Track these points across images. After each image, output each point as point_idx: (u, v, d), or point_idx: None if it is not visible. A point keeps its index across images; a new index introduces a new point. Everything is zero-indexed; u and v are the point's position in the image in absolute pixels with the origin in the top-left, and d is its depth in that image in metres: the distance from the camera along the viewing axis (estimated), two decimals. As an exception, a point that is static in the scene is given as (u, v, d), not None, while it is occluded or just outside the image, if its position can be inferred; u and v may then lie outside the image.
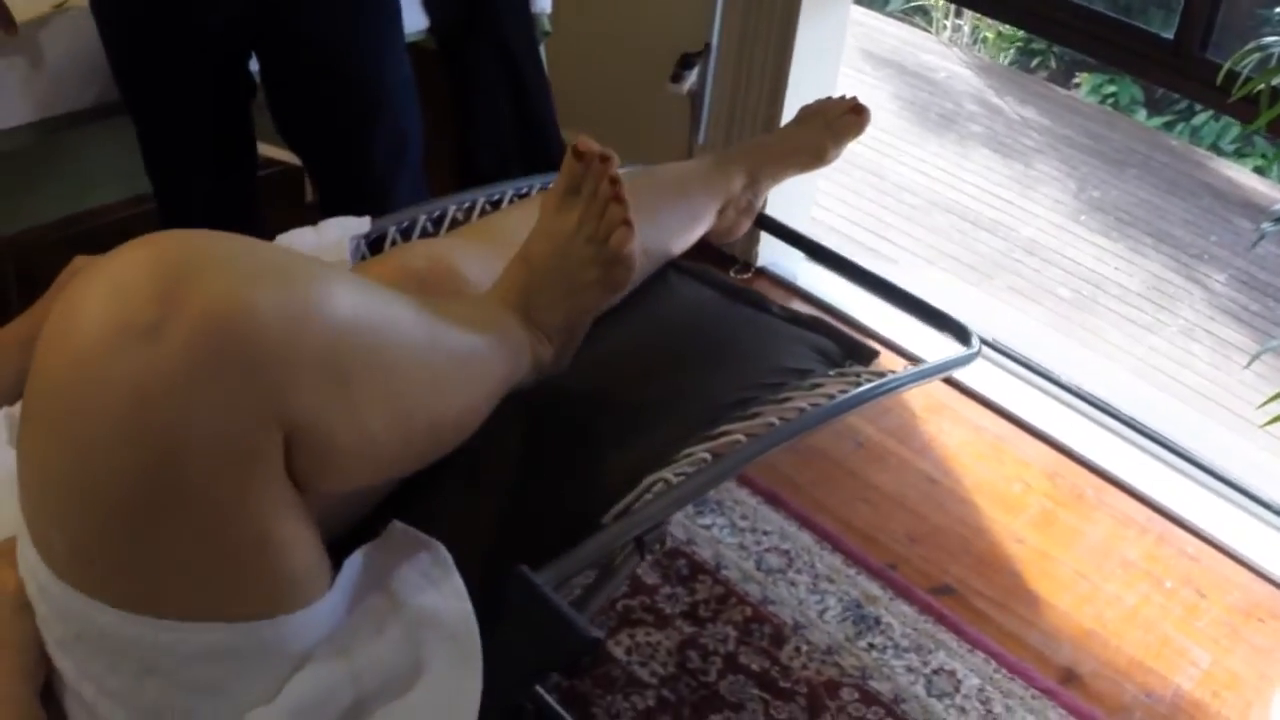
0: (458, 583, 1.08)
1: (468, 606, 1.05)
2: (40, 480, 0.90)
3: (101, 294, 0.86)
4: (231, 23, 1.98)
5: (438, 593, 1.07)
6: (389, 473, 1.17)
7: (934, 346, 1.71)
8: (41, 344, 0.88)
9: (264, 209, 2.29)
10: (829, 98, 1.90)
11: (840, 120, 1.84)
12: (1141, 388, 3.48)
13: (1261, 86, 2.07)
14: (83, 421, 0.85)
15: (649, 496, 1.22)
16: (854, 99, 1.87)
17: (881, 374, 1.47)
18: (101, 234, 2.76)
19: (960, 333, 1.65)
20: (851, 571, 2.32)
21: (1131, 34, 2.65)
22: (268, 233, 1.59)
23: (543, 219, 1.33)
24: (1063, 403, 2.88)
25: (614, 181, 1.28)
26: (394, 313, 1.05)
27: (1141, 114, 5.95)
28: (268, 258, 0.93)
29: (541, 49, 2.85)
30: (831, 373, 1.48)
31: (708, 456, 1.27)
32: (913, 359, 2.82)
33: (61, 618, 0.93)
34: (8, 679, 0.96)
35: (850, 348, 1.56)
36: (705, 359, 1.47)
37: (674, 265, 1.67)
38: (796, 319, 1.60)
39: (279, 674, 0.97)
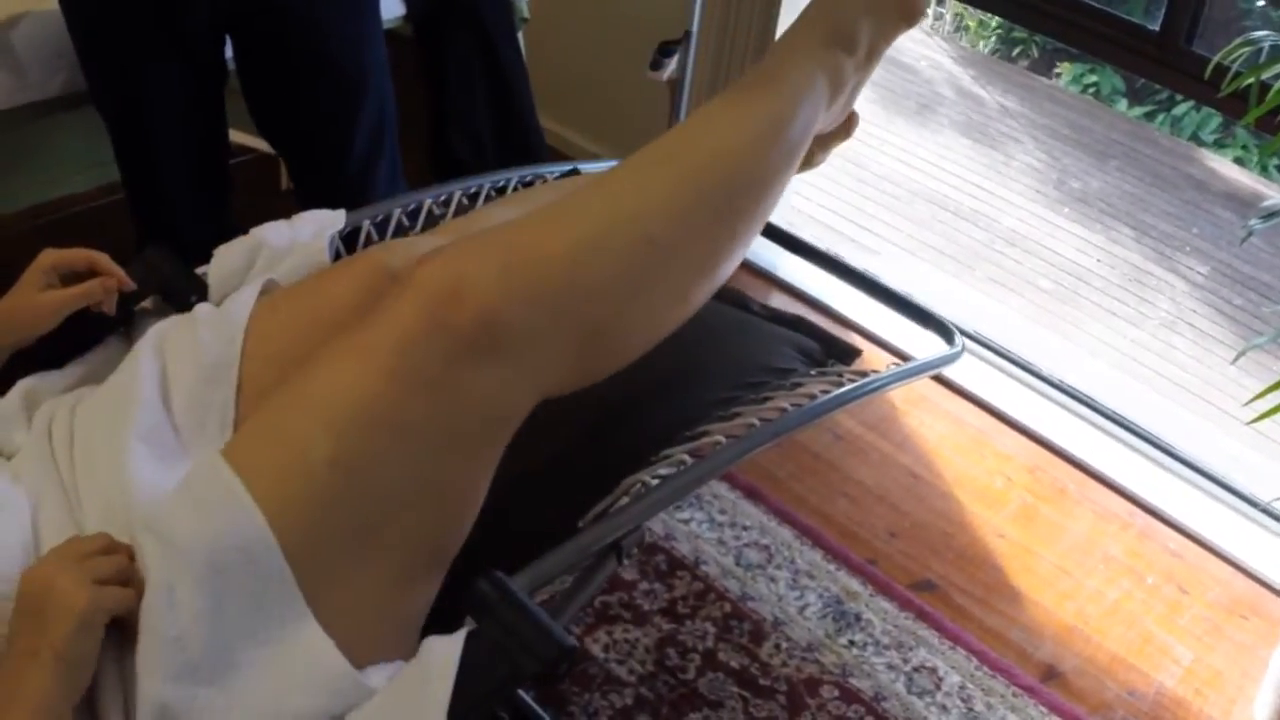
0: None
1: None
2: (333, 393, 1.11)
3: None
4: (207, 7, 1.94)
5: None
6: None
7: (915, 338, 1.69)
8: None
9: (237, 197, 2.25)
10: None
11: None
12: (1123, 381, 3.46)
13: (1250, 81, 2.05)
14: (401, 359, 1.10)
15: (626, 499, 1.20)
16: None
17: (864, 373, 1.45)
18: (72, 223, 2.73)
19: (944, 331, 1.63)
20: (832, 567, 2.30)
21: (1116, 25, 2.62)
22: (241, 222, 1.57)
23: None
24: (1044, 396, 2.86)
25: None
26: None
27: (1122, 104, 5.94)
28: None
29: (520, 36, 2.82)
30: (813, 372, 1.46)
31: (687, 459, 1.25)
32: (893, 350, 2.80)
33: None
34: (53, 693, 0.96)
35: (832, 347, 1.54)
36: (685, 358, 1.44)
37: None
38: (778, 318, 1.58)
39: None
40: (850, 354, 1.54)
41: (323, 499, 1.07)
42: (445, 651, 1.02)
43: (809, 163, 1.79)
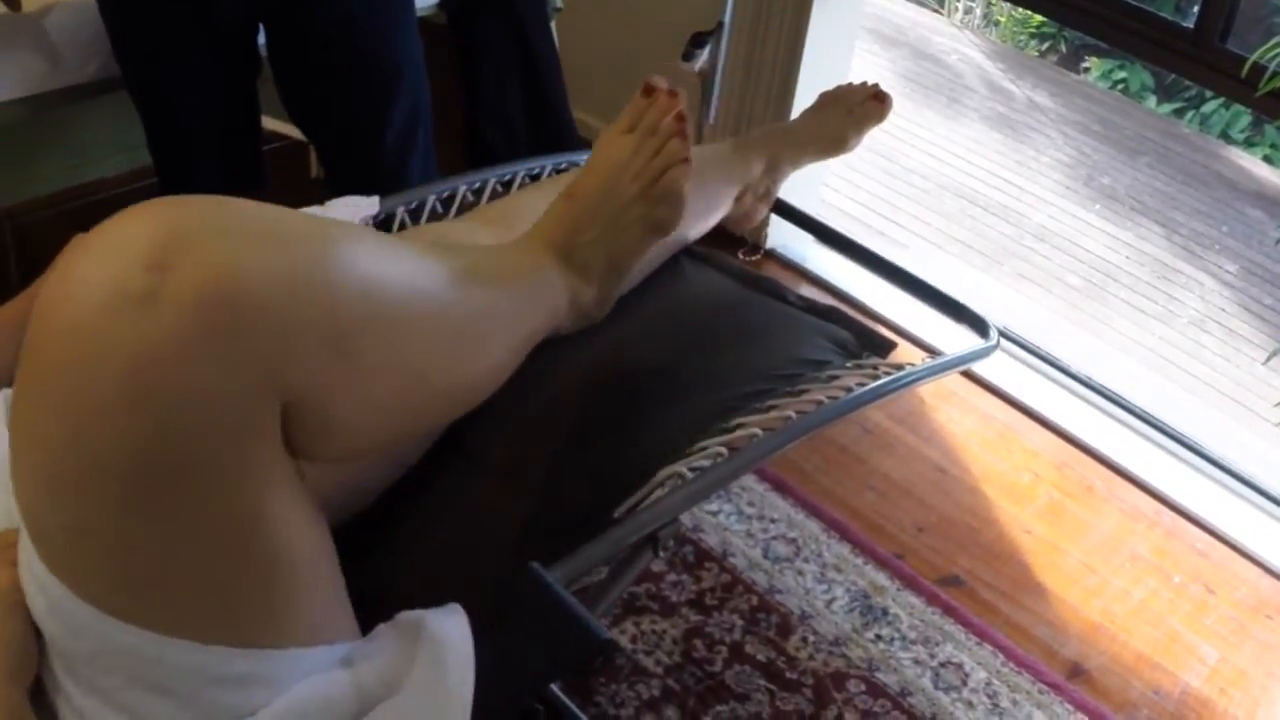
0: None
1: (463, 619, 1.02)
2: (33, 452, 0.87)
3: (97, 260, 0.84)
4: None
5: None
6: (397, 439, 1.15)
7: (941, 332, 1.69)
8: (36, 312, 0.86)
9: (268, 185, 2.25)
10: (849, 84, 1.86)
11: (862, 107, 1.81)
12: (1152, 379, 3.45)
13: (1288, 81, 2.04)
14: (77, 389, 0.82)
15: (662, 491, 1.20)
16: (876, 85, 1.83)
17: (899, 366, 1.44)
18: (102, 207, 2.72)
19: (978, 324, 1.62)
20: (859, 561, 2.30)
21: (1149, 21, 2.61)
22: (273, 211, 1.56)
23: (594, 154, 1.33)
24: (1072, 393, 2.86)
25: (680, 118, 1.28)
26: (410, 272, 1.02)
27: (1151, 100, 5.92)
28: (271, 221, 0.91)
29: (553, 26, 2.82)
30: (849, 365, 1.45)
31: (723, 450, 1.24)
32: (920, 344, 2.79)
33: (76, 634, 0.90)
34: None
35: (867, 339, 1.53)
36: (720, 349, 1.44)
37: (688, 251, 1.64)
38: (813, 308, 1.57)
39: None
40: (885, 346, 1.53)
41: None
42: (457, 640, 1.00)
43: (843, 147, 1.82)
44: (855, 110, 1.81)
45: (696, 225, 1.64)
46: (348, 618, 1.02)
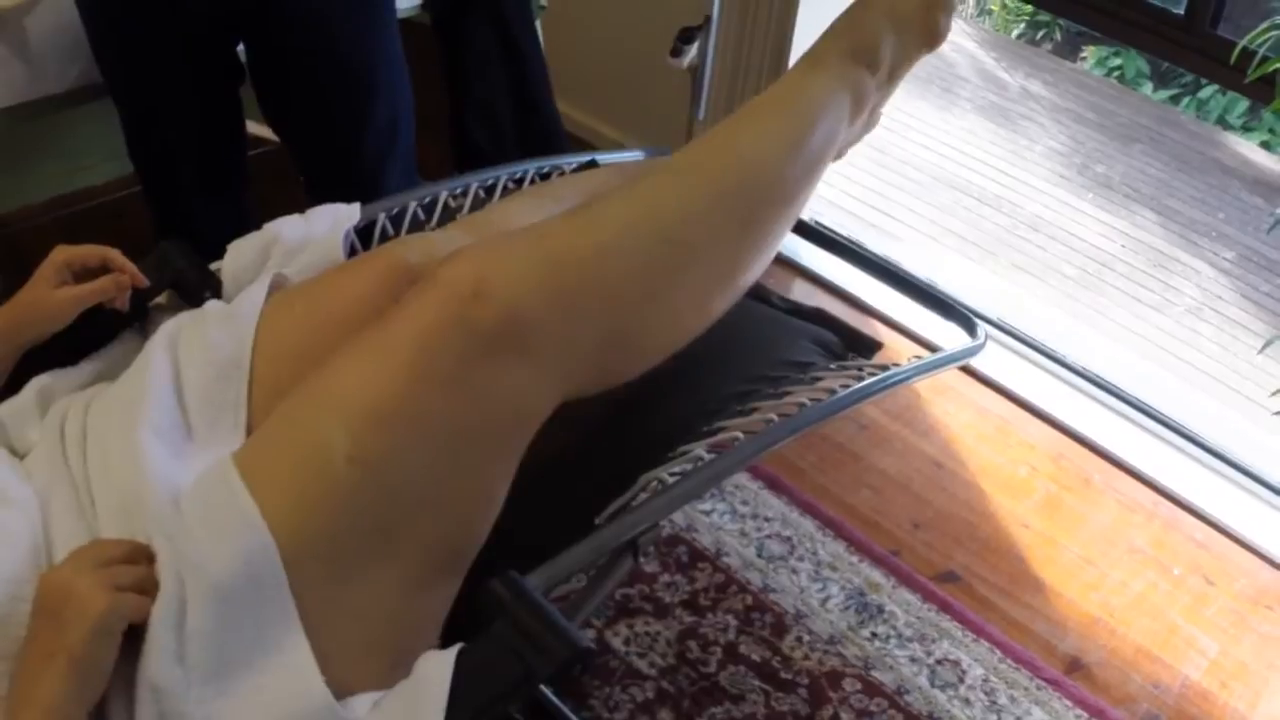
0: None
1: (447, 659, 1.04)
2: (352, 387, 1.11)
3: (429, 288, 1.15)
4: (216, 5, 1.93)
5: None
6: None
7: (939, 325, 1.68)
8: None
9: (254, 189, 2.24)
10: None
11: None
12: (1148, 369, 3.43)
13: (1277, 66, 2.02)
14: (422, 355, 1.11)
15: (644, 496, 1.19)
16: None
17: (884, 367, 1.43)
18: (90, 215, 2.73)
19: (966, 323, 1.62)
20: (854, 559, 2.28)
21: (1140, 8, 2.59)
22: (258, 214, 1.56)
23: None
24: (1068, 384, 2.84)
25: None
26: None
27: (1148, 87, 5.89)
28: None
29: (538, 23, 2.81)
30: (833, 366, 1.44)
31: (704, 455, 1.24)
32: (917, 339, 2.78)
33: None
34: (67, 697, 0.96)
35: (852, 340, 1.52)
36: (703, 351, 1.43)
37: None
38: (798, 310, 1.56)
39: None
40: (871, 347, 1.52)
41: (341, 497, 1.06)
42: (438, 661, 1.02)
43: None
44: None
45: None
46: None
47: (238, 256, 1.45)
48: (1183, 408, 2.77)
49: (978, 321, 1.62)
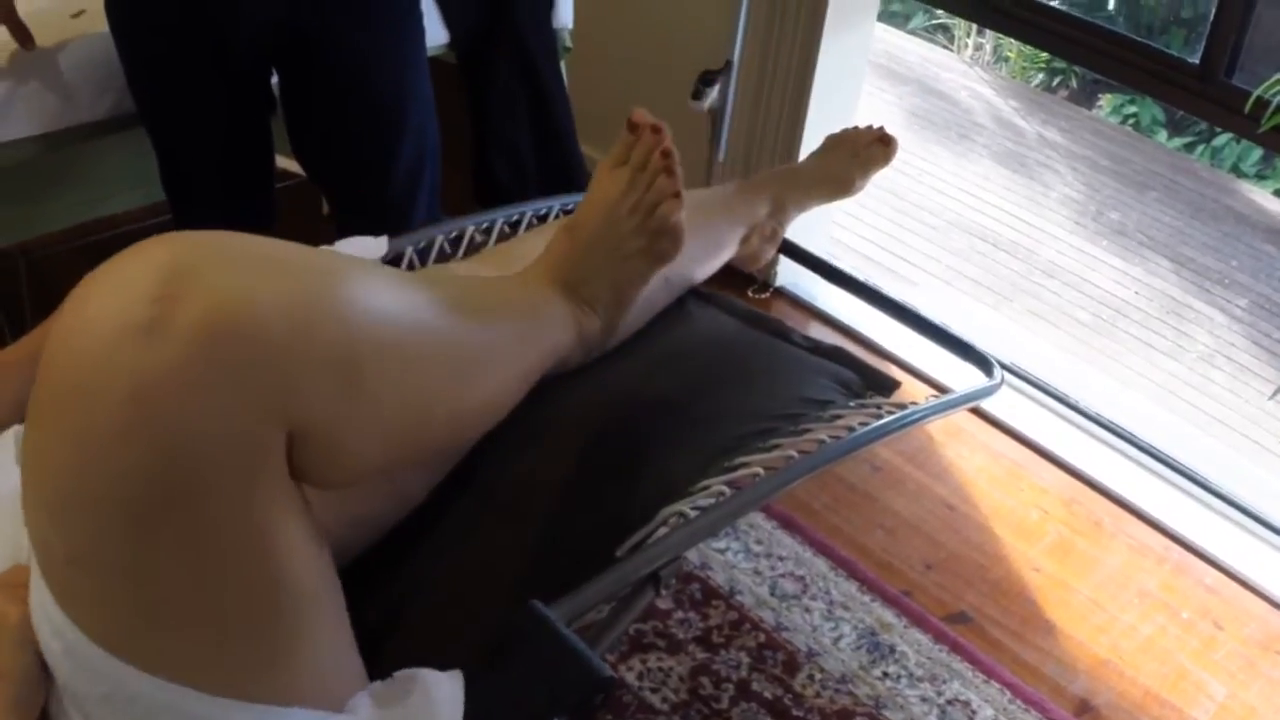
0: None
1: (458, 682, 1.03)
2: (42, 482, 0.87)
3: (105, 292, 0.84)
4: (254, 39, 1.96)
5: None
6: (402, 465, 1.17)
7: (951, 369, 1.70)
8: (47, 344, 0.86)
9: (281, 222, 2.27)
10: (855, 127, 1.88)
11: (868, 150, 1.83)
12: (1161, 414, 3.45)
13: (1290, 116, 2.05)
14: (83, 417, 0.82)
15: (665, 530, 1.20)
16: (881, 128, 1.85)
17: (902, 405, 1.45)
18: (117, 243, 2.72)
19: (983, 363, 1.63)
20: (866, 599, 2.30)
21: (1155, 58, 2.62)
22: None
23: (591, 188, 1.35)
24: (1081, 429, 2.86)
25: (666, 154, 1.31)
26: (416, 303, 1.03)
27: (1162, 134, 5.93)
28: (277, 254, 0.91)
29: (563, 65, 2.84)
30: (852, 404, 1.46)
31: (725, 490, 1.25)
32: (930, 381, 2.80)
33: (89, 679, 0.90)
34: (2, 712, 0.93)
35: (871, 378, 1.54)
36: (724, 388, 1.45)
37: (693, 292, 1.66)
38: (817, 348, 1.58)
39: None
40: (889, 386, 1.54)
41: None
42: (449, 682, 1.01)
43: (848, 189, 1.84)
44: (861, 153, 1.83)
45: (702, 266, 1.65)
46: (352, 655, 1.02)
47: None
48: (1194, 453, 2.79)
49: (994, 362, 1.64)
